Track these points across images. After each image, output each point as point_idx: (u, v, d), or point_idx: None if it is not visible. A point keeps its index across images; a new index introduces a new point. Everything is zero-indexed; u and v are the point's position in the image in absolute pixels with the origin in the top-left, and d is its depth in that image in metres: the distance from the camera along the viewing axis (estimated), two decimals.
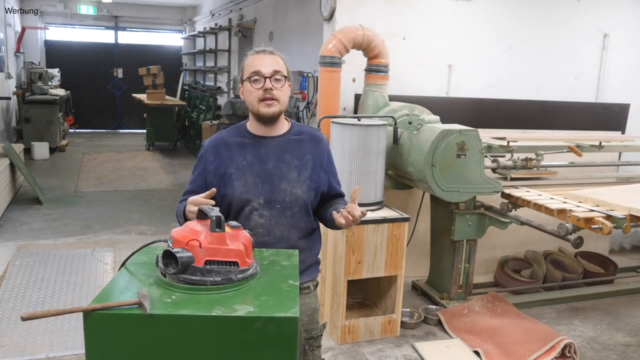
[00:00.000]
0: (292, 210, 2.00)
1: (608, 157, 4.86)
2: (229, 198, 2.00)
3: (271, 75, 1.94)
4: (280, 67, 1.97)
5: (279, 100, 1.96)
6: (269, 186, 1.99)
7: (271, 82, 1.94)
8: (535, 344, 3.35)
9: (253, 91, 1.95)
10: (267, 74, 1.94)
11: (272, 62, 1.96)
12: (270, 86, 1.94)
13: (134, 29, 14.55)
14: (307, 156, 2.05)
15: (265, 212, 1.99)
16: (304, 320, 2.09)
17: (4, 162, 6.13)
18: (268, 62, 1.96)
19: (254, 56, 1.99)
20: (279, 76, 1.95)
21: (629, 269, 4.98)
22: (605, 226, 3.08)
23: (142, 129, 12.04)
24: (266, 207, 1.98)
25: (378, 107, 4.02)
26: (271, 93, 1.94)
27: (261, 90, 1.94)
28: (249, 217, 1.99)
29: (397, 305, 3.64)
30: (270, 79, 1.94)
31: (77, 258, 4.84)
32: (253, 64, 1.96)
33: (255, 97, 1.95)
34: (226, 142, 2.05)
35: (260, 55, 1.98)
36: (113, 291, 1.53)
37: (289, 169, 2.01)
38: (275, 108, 1.96)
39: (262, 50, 2.00)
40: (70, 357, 3.27)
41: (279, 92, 1.96)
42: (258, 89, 1.94)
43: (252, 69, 1.96)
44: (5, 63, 9.53)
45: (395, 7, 4.41)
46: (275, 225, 2.00)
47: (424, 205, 4.30)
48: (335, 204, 2.09)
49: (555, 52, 5.02)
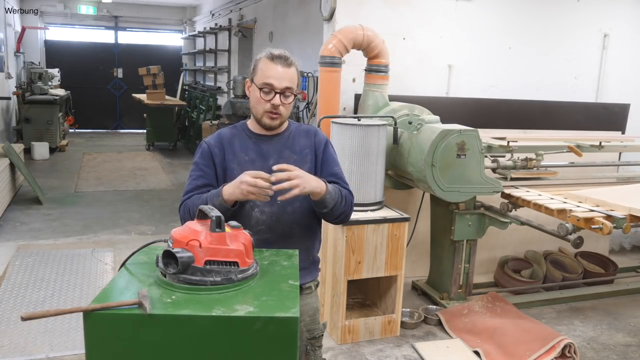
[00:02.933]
0: (293, 205, 2.00)
1: (608, 157, 4.86)
2: None
3: (282, 92, 1.94)
4: (293, 82, 1.96)
5: (282, 115, 1.98)
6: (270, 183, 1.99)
7: (281, 98, 1.94)
8: (535, 344, 3.35)
9: (261, 101, 1.95)
10: (279, 89, 1.93)
11: (287, 77, 1.93)
12: (279, 102, 1.94)
13: (134, 29, 14.56)
14: (306, 150, 2.07)
15: (266, 208, 1.99)
16: (306, 320, 2.10)
17: (4, 162, 6.13)
18: (283, 75, 1.93)
19: (271, 64, 1.94)
20: (289, 93, 1.95)
21: (629, 269, 4.98)
22: (605, 226, 3.08)
23: (142, 129, 12.04)
24: (267, 204, 1.98)
25: (378, 107, 4.02)
26: (278, 109, 1.95)
27: (269, 103, 1.94)
28: (250, 214, 1.99)
29: (397, 305, 3.64)
30: (280, 95, 1.94)
31: (77, 258, 4.84)
32: (268, 73, 1.93)
33: (262, 108, 1.96)
34: (228, 138, 2.06)
35: (277, 65, 1.93)
36: (113, 291, 1.53)
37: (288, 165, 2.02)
38: (277, 121, 1.99)
39: (279, 58, 1.94)
40: (70, 357, 3.27)
41: (284, 108, 1.97)
42: (267, 100, 1.94)
43: (265, 79, 1.93)
44: (5, 63, 9.53)
45: (395, 7, 4.41)
46: (277, 221, 2.00)
47: (424, 205, 4.30)
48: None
49: (555, 52, 5.02)
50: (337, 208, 1.98)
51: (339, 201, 1.98)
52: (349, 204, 2.05)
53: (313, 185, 1.87)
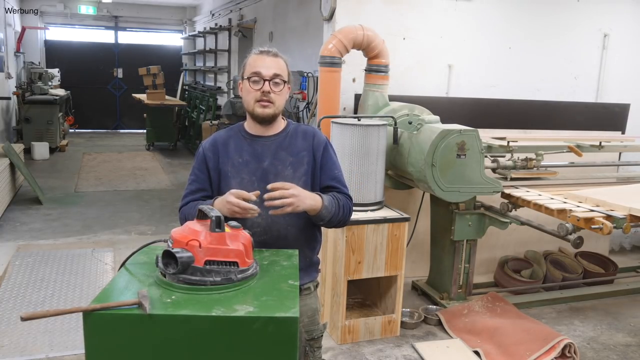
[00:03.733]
0: None
1: (608, 157, 4.86)
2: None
3: (271, 79, 1.95)
4: (282, 70, 1.98)
5: (275, 103, 1.98)
6: (264, 184, 1.98)
7: (270, 85, 1.95)
8: (535, 344, 3.35)
9: (251, 91, 1.97)
10: (267, 76, 1.95)
11: (274, 65, 1.97)
12: (269, 89, 1.95)
13: (134, 29, 14.55)
14: (302, 152, 2.05)
15: (262, 210, 1.99)
16: (304, 321, 2.09)
17: (4, 162, 6.13)
18: (270, 64, 1.96)
19: (257, 56, 1.99)
20: (278, 80, 1.96)
21: (629, 269, 4.98)
22: (605, 226, 3.08)
23: (142, 129, 12.04)
24: (262, 206, 1.98)
25: (378, 107, 4.02)
26: (268, 96, 1.95)
27: (259, 91, 1.95)
28: (246, 217, 1.99)
29: (397, 305, 3.64)
30: (269, 82, 1.95)
31: (77, 258, 4.84)
32: (255, 64, 1.97)
33: (253, 97, 1.97)
34: (223, 141, 2.07)
35: (263, 56, 1.98)
36: (113, 291, 1.53)
37: (284, 167, 2.01)
38: (270, 110, 1.98)
39: (266, 51, 2.00)
40: (70, 357, 3.26)
41: (276, 96, 1.97)
42: (256, 89, 1.96)
43: (253, 69, 1.96)
44: (5, 63, 9.53)
45: (395, 7, 4.41)
46: (273, 223, 1.99)
47: (424, 205, 4.30)
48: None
49: (555, 52, 5.02)
50: (334, 219, 2.00)
51: (335, 212, 1.99)
52: (347, 211, 2.05)
53: (308, 204, 1.88)
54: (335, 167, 2.10)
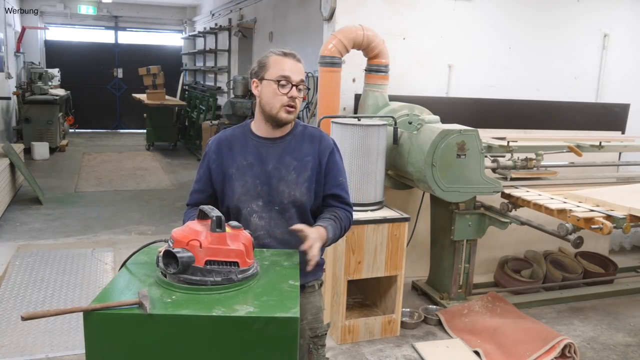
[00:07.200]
0: (291, 212, 2.00)
1: (608, 157, 4.86)
2: (229, 199, 2.01)
3: (297, 84, 1.95)
4: (304, 76, 2.00)
5: (297, 109, 1.99)
6: (267, 188, 1.98)
7: (297, 90, 1.95)
8: (535, 344, 3.35)
9: (279, 95, 1.94)
10: (295, 81, 1.94)
11: (300, 71, 1.98)
12: (296, 95, 1.95)
13: (134, 29, 14.55)
14: (307, 157, 2.03)
15: (265, 214, 1.99)
16: (309, 318, 2.09)
17: (4, 162, 6.13)
18: (297, 69, 1.96)
19: (282, 58, 1.96)
20: (302, 86, 1.97)
21: (629, 269, 4.98)
22: (605, 226, 3.08)
23: (142, 129, 12.04)
24: (265, 209, 1.98)
25: (378, 107, 4.02)
26: (295, 102, 1.95)
27: (287, 97, 1.94)
28: (249, 219, 1.98)
29: (397, 305, 3.64)
30: (297, 88, 1.95)
31: (77, 258, 4.84)
32: (283, 67, 1.94)
33: (279, 101, 1.95)
34: (229, 142, 2.06)
35: (289, 59, 1.96)
36: (113, 291, 1.53)
37: (287, 171, 2.00)
38: (293, 115, 1.99)
39: (291, 54, 1.98)
40: (70, 357, 3.26)
41: (298, 101, 1.98)
42: (284, 94, 1.94)
43: (281, 72, 1.94)
44: (5, 63, 9.52)
45: (395, 7, 4.41)
46: (275, 227, 1.99)
47: (424, 205, 4.30)
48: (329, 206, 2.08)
49: (555, 52, 5.02)
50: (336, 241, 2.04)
51: (338, 235, 2.02)
52: (347, 226, 2.08)
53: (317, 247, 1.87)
54: (340, 174, 2.09)
